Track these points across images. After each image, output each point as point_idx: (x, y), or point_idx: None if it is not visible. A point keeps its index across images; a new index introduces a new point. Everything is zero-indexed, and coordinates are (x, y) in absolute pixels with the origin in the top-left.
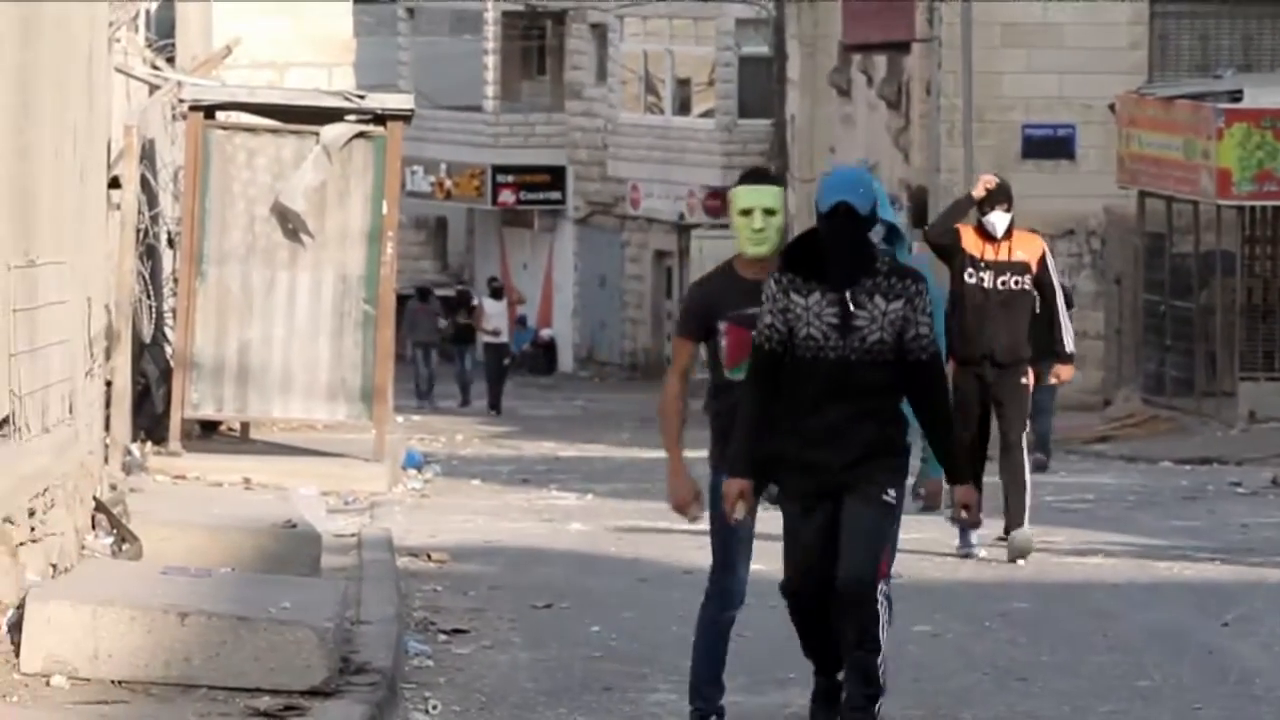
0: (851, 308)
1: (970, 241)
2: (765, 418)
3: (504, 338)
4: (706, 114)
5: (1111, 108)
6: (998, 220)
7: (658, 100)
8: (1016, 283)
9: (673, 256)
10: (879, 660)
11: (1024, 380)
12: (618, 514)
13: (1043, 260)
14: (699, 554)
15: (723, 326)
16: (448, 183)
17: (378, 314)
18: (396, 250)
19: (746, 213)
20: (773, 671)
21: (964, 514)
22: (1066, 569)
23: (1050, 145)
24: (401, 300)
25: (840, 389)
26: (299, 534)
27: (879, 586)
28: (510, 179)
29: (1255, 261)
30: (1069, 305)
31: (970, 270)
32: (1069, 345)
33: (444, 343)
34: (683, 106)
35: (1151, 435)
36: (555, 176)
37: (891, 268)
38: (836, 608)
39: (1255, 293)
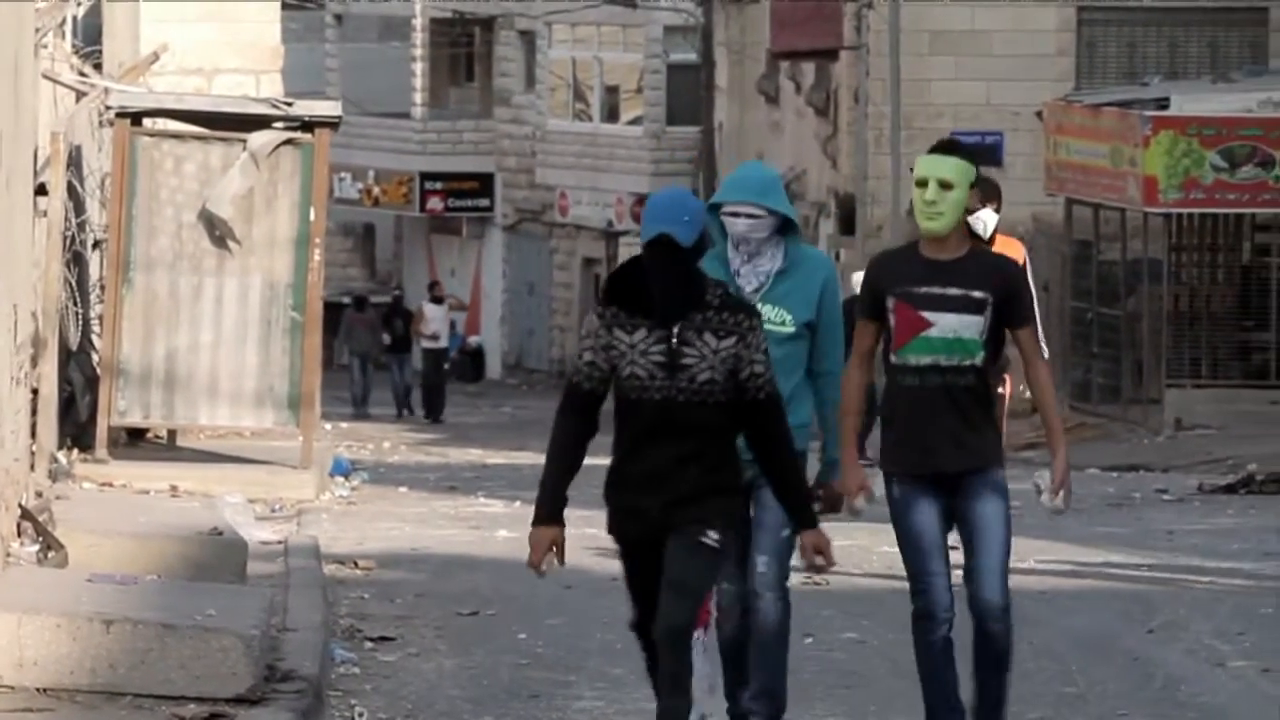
0: (678, 345)
1: None
2: (573, 460)
3: (443, 343)
4: (635, 121)
5: (1039, 115)
6: (988, 218)
7: (586, 107)
8: None
9: (601, 264)
10: (688, 707)
11: (1000, 390)
12: None
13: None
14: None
15: (891, 303)
16: (375, 190)
17: (305, 321)
18: (324, 257)
19: (922, 184)
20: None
21: (818, 560)
22: None
23: (978, 153)
24: (337, 308)
25: (666, 431)
26: (225, 541)
27: (695, 635)
28: (438, 186)
29: (1182, 269)
30: None
31: None
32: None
33: (380, 352)
34: (611, 114)
35: (1078, 442)
36: (483, 183)
37: (724, 301)
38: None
39: (1182, 300)
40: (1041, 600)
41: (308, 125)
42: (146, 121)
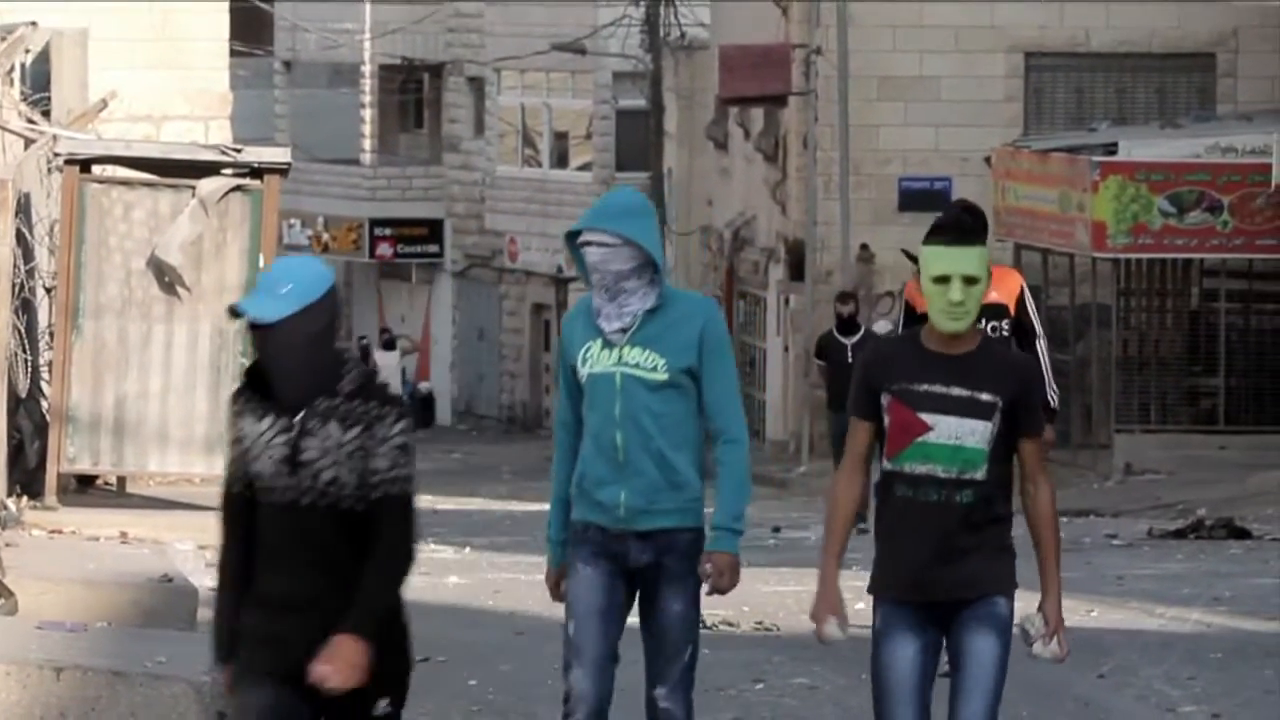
0: (299, 436)
1: None
2: (239, 582)
3: (395, 389)
4: (584, 167)
5: (987, 160)
6: None
7: (535, 153)
8: (993, 329)
9: (551, 309)
10: None
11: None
12: (495, 567)
13: (1020, 299)
14: None
15: (885, 401)
16: (325, 236)
17: None
18: None
19: (942, 280)
20: None
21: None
22: None
23: (927, 198)
24: None
25: (297, 542)
26: (176, 588)
27: None
28: (388, 232)
29: (1131, 314)
30: None
31: None
32: (1053, 400)
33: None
34: (560, 159)
35: None
36: (433, 229)
37: (360, 387)
38: None
39: (1131, 345)
40: None
41: (257, 172)
42: (95, 168)
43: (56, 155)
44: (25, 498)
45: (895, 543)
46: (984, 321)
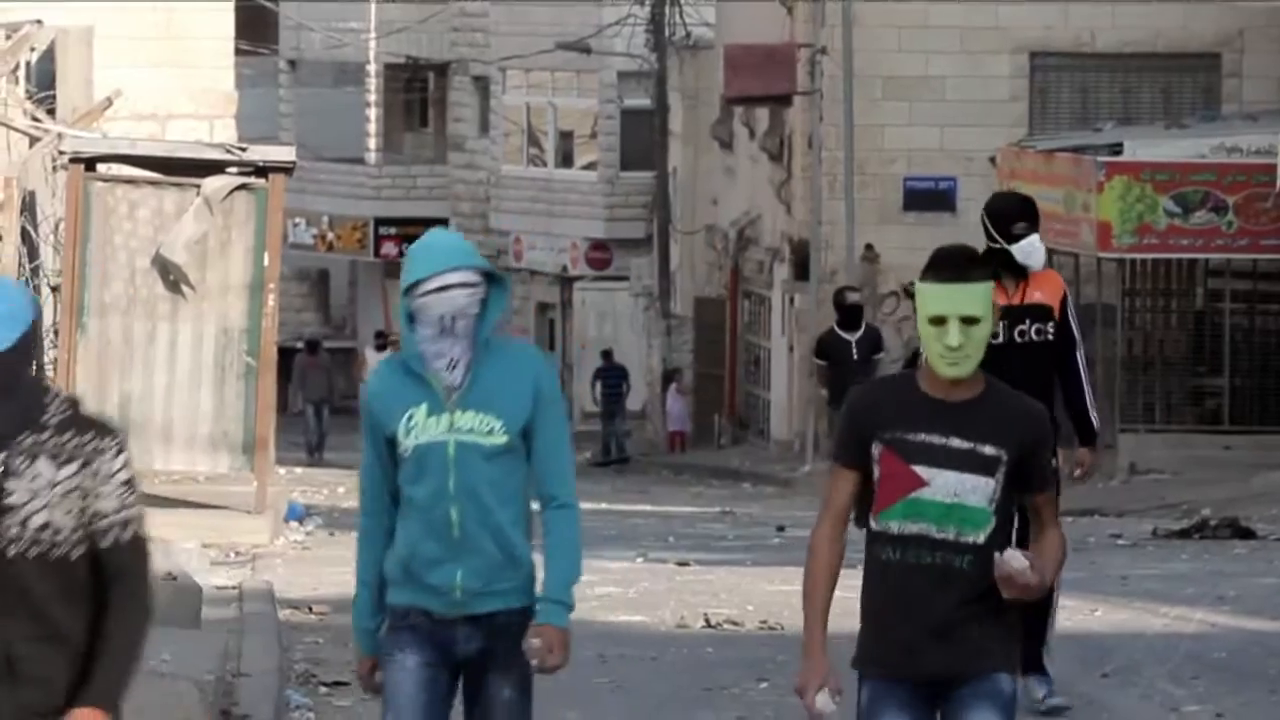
0: (1, 477)
1: None
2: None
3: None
4: (589, 166)
5: (992, 160)
6: (1036, 248)
7: (540, 153)
8: (1038, 331)
9: (555, 309)
10: None
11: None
12: None
13: (1064, 302)
14: (579, 605)
15: (877, 451)
16: (330, 235)
17: (259, 366)
18: (278, 302)
19: (938, 321)
20: None
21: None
22: None
23: (931, 198)
24: (289, 353)
25: (8, 602)
26: (179, 586)
27: None
28: (393, 231)
29: (1135, 314)
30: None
31: None
32: (1095, 420)
33: (336, 397)
34: (565, 159)
35: None
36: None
37: (69, 419)
38: None
39: (1135, 345)
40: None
41: (262, 170)
42: (100, 167)
43: (61, 153)
44: None
45: (884, 611)
46: (1027, 322)
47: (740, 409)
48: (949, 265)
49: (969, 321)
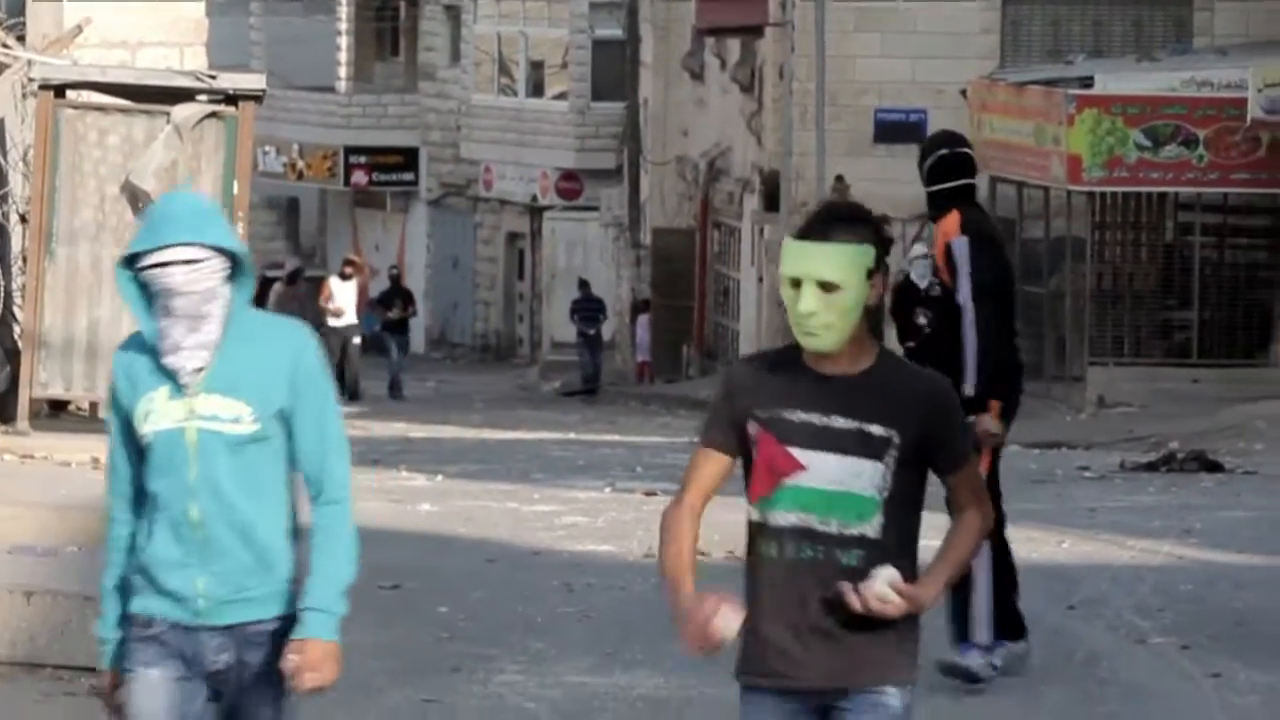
0: None
1: None
2: None
3: (350, 319)
4: (560, 96)
5: (963, 93)
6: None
7: (511, 82)
8: (930, 285)
9: (525, 239)
10: None
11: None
12: (467, 495)
13: (946, 256)
14: (547, 535)
15: (753, 430)
16: (300, 163)
17: None
18: (248, 230)
19: (794, 283)
20: (620, 653)
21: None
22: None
23: (902, 130)
24: (262, 281)
25: None
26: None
27: None
28: (363, 160)
29: (1105, 247)
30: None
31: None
32: (969, 387)
33: (383, 330)
34: (536, 89)
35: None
36: (408, 158)
37: None
38: None
39: (1105, 278)
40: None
41: (232, 99)
42: (70, 94)
43: (31, 80)
44: None
45: (759, 613)
46: (936, 274)
47: (709, 340)
48: (816, 221)
49: (827, 288)
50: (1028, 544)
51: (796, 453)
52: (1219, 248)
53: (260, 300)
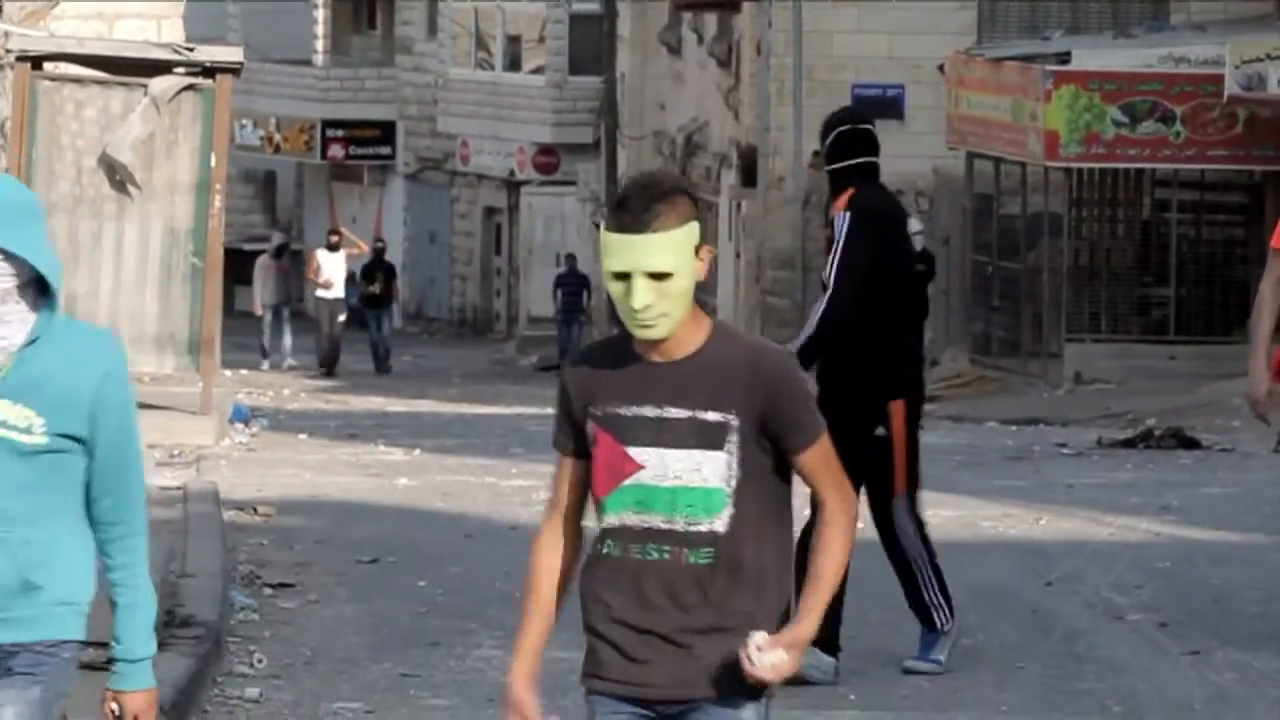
0: None
1: None
2: None
3: (338, 292)
4: (537, 70)
5: (941, 68)
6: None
7: (488, 56)
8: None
9: (503, 213)
10: None
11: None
12: (445, 469)
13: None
14: (525, 510)
15: (591, 430)
16: (277, 136)
17: (205, 267)
18: (225, 203)
19: (620, 276)
20: None
21: None
22: None
23: (879, 105)
24: (239, 255)
25: None
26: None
27: None
28: (340, 133)
29: (1082, 223)
30: (928, 276)
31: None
32: (794, 343)
33: (361, 305)
34: (513, 63)
35: (978, 395)
36: (385, 131)
37: None
38: None
39: (1082, 254)
40: (939, 553)
41: (209, 71)
42: (47, 65)
43: (8, 52)
44: None
45: (604, 617)
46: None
47: None
48: (631, 208)
49: (658, 277)
50: (1005, 520)
51: (633, 451)
52: (1196, 225)
53: (244, 273)
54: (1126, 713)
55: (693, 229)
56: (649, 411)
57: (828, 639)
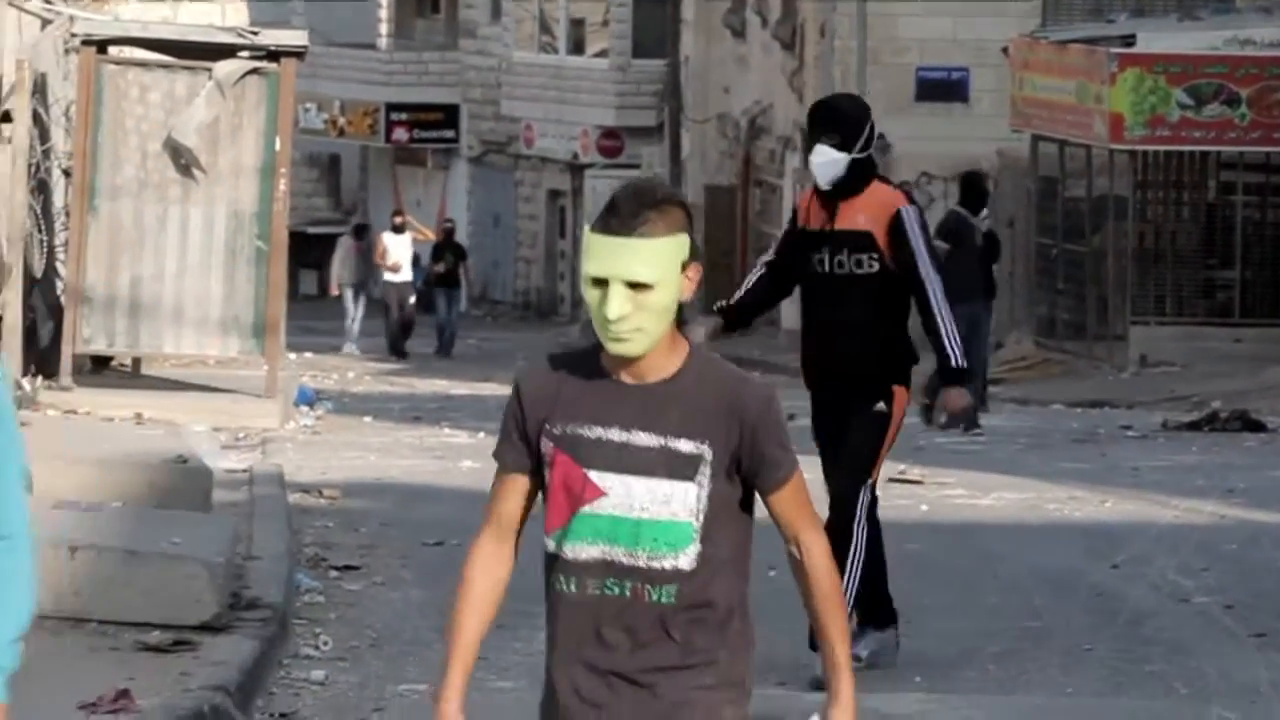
0: None
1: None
2: None
3: (406, 275)
4: (601, 54)
5: (1005, 51)
6: (821, 164)
7: (552, 40)
8: (857, 263)
9: (566, 196)
10: None
11: (879, 407)
12: None
13: (895, 225)
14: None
15: (547, 449)
16: (341, 120)
17: (270, 250)
18: (289, 187)
19: (598, 283)
20: None
21: None
22: (958, 510)
23: (944, 88)
24: (303, 237)
25: None
26: (190, 469)
27: None
28: (404, 117)
29: (1147, 206)
30: (994, 257)
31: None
32: (955, 358)
33: (428, 286)
34: (577, 46)
35: (1043, 378)
36: (449, 115)
37: None
38: None
39: (1147, 237)
40: (1006, 535)
41: (273, 55)
42: (112, 50)
43: (73, 36)
44: (41, 378)
45: (561, 657)
46: (846, 252)
47: None
48: (618, 211)
49: (638, 288)
50: (1071, 503)
51: (595, 475)
52: (1261, 207)
53: (309, 256)
54: (1193, 695)
55: (681, 242)
56: (615, 435)
57: (879, 614)
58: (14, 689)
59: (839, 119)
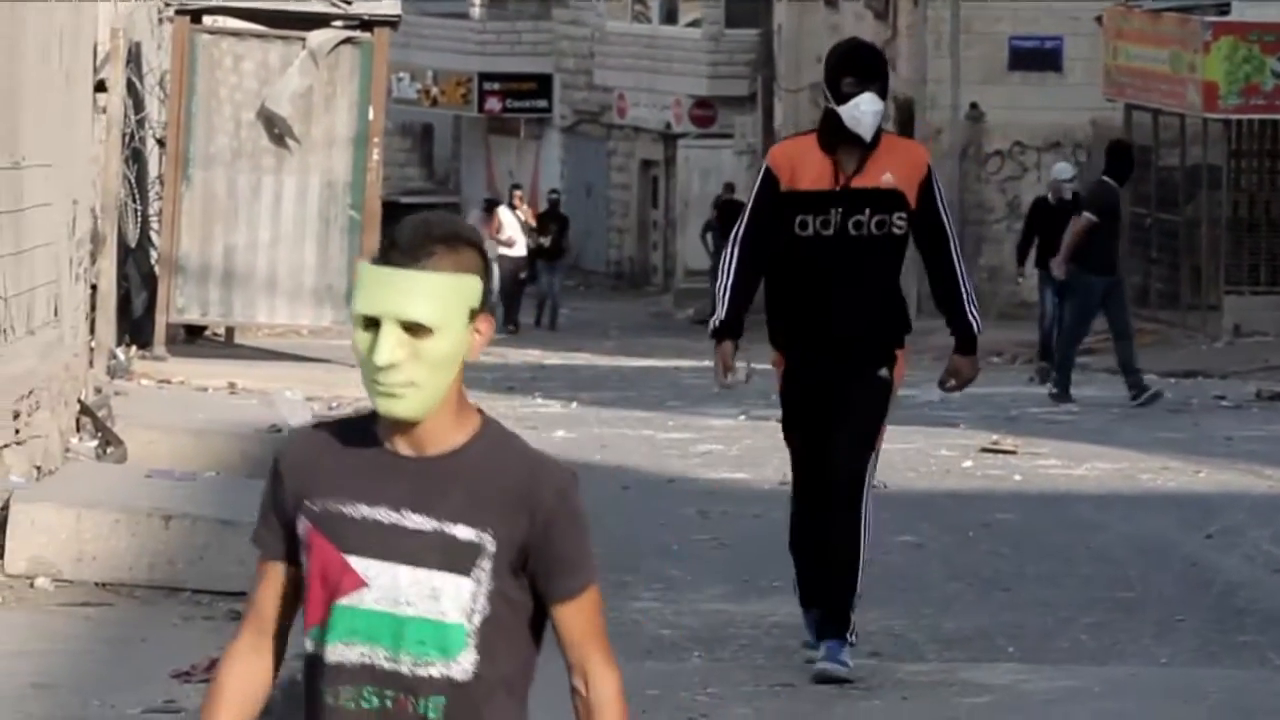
0: None
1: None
2: None
3: (520, 250)
4: (694, 23)
5: (1098, 20)
6: (861, 115)
7: (645, 9)
8: (880, 224)
9: (659, 166)
10: None
11: (881, 373)
12: (602, 422)
13: (926, 184)
14: (682, 462)
15: (302, 529)
16: (434, 90)
17: (363, 220)
18: (382, 157)
19: (369, 325)
20: (755, 580)
21: None
22: (1051, 480)
23: (1037, 57)
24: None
25: None
26: (284, 438)
27: None
28: (497, 87)
29: (1242, 175)
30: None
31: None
32: (976, 323)
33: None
34: (670, 15)
35: (1137, 348)
36: (541, 85)
37: None
38: None
39: (1241, 206)
40: (1099, 505)
41: (367, 24)
42: (206, 19)
43: (167, 5)
44: (135, 347)
45: None
46: (867, 211)
47: None
48: (400, 242)
49: (415, 330)
50: (1164, 473)
51: (355, 562)
52: None
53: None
54: None
55: (471, 285)
56: (382, 515)
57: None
58: (109, 657)
59: (879, 65)
